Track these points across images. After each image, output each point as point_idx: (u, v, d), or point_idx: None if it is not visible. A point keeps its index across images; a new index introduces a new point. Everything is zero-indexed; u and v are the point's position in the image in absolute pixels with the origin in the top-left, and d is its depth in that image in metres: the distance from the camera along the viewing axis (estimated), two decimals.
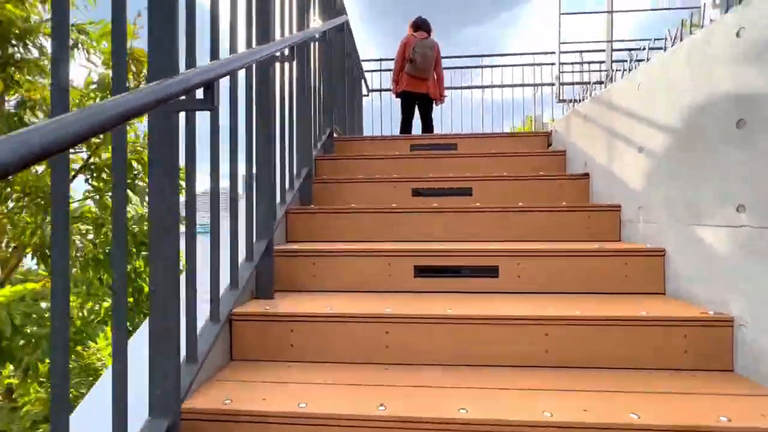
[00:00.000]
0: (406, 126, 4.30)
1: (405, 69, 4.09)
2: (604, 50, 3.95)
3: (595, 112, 2.12)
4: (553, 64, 4.69)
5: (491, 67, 4.90)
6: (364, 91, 4.67)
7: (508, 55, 5.11)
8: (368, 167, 2.56)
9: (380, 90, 4.79)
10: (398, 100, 4.37)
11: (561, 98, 2.76)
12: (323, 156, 2.63)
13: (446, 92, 4.49)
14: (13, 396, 4.37)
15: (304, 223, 1.94)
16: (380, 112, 4.85)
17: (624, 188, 1.80)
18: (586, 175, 2.17)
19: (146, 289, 4.64)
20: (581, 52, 4.41)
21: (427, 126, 4.30)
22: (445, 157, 2.56)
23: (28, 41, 3.89)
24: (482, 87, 4.90)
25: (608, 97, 1.98)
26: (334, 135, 3.10)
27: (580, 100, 2.45)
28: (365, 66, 4.83)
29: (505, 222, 1.86)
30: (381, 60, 4.80)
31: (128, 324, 0.88)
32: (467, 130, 4.89)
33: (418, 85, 4.13)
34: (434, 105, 4.35)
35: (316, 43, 2.41)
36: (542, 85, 4.65)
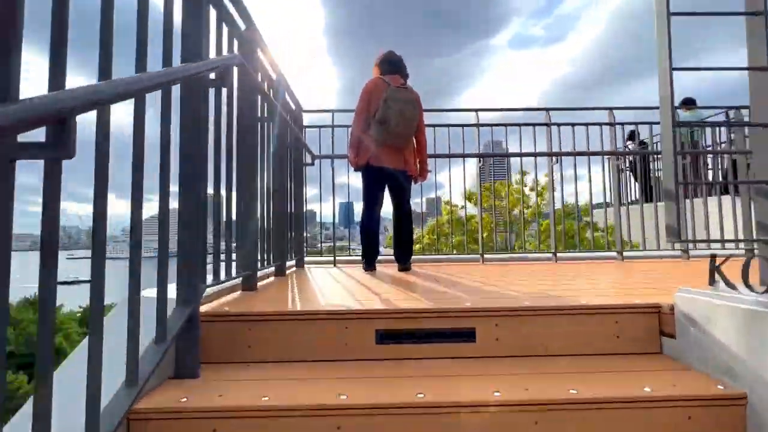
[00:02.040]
0: (370, 219, 2.77)
1: (371, 131, 2.62)
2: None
3: None
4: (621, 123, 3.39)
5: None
6: (308, 159, 3.14)
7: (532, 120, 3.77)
8: None
9: (331, 157, 3.28)
10: (359, 174, 2.86)
11: (681, 235, 1.33)
12: (158, 412, 1.03)
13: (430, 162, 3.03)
14: None
15: None
16: (332, 186, 3.33)
17: None
18: None
19: None
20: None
21: (404, 221, 2.80)
22: (460, 407, 1.02)
23: None
24: (517, 155, 3.48)
25: None
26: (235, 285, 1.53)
27: None
28: (310, 118, 3.35)
29: None
30: (333, 111, 3.31)
31: None
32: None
33: (392, 157, 2.66)
34: (414, 184, 2.87)
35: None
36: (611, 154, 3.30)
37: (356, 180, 2.98)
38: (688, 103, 8.17)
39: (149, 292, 1.12)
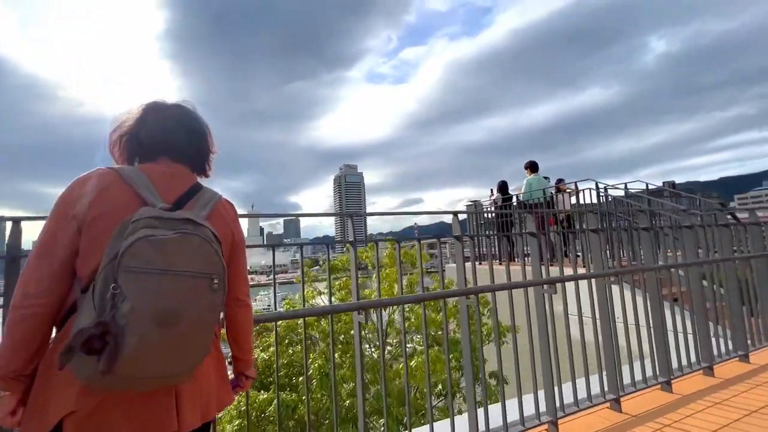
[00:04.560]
0: None
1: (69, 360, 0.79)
2: None
3: None
4: None
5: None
6: None
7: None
8: None
9: None
10: None
11: None
12: None
13: None
14: None
15: None
16: None
17: None
18: None
19: None
20: None
21: None
22: None
23: None
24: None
25: None
26: None
27: None
28: None
29: None
30: (28, 218, 1.43)
31: None
32: None
33: (141, 407, 0.90)
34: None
35: None
36: None
37: None
38: (534, 167, 8.63)
39: None
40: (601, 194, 6.41)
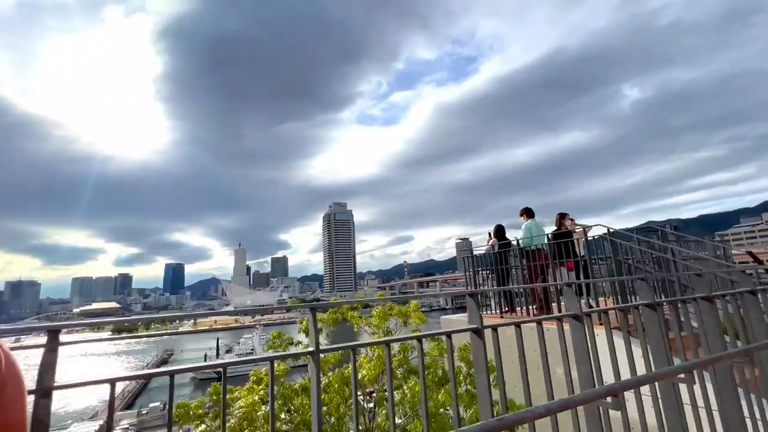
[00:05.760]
0: None
1: None
2: None
3: None
4: None
5: None
6: None
7: None
8: None
9: None
10: None
11: None
12: None
13: None
14: None
15: None
16: None
17: None
18: None
19: None
20: None
21: None
22: None
23: None
24: None
25: None
26: None
27: None
28: None
29: None
30: None
31: None
32: None
33: None
34: None
35: None
36: None
37: None
38: (530, 213, 8.04)
39: None
40: (613, 239, 5.77)
